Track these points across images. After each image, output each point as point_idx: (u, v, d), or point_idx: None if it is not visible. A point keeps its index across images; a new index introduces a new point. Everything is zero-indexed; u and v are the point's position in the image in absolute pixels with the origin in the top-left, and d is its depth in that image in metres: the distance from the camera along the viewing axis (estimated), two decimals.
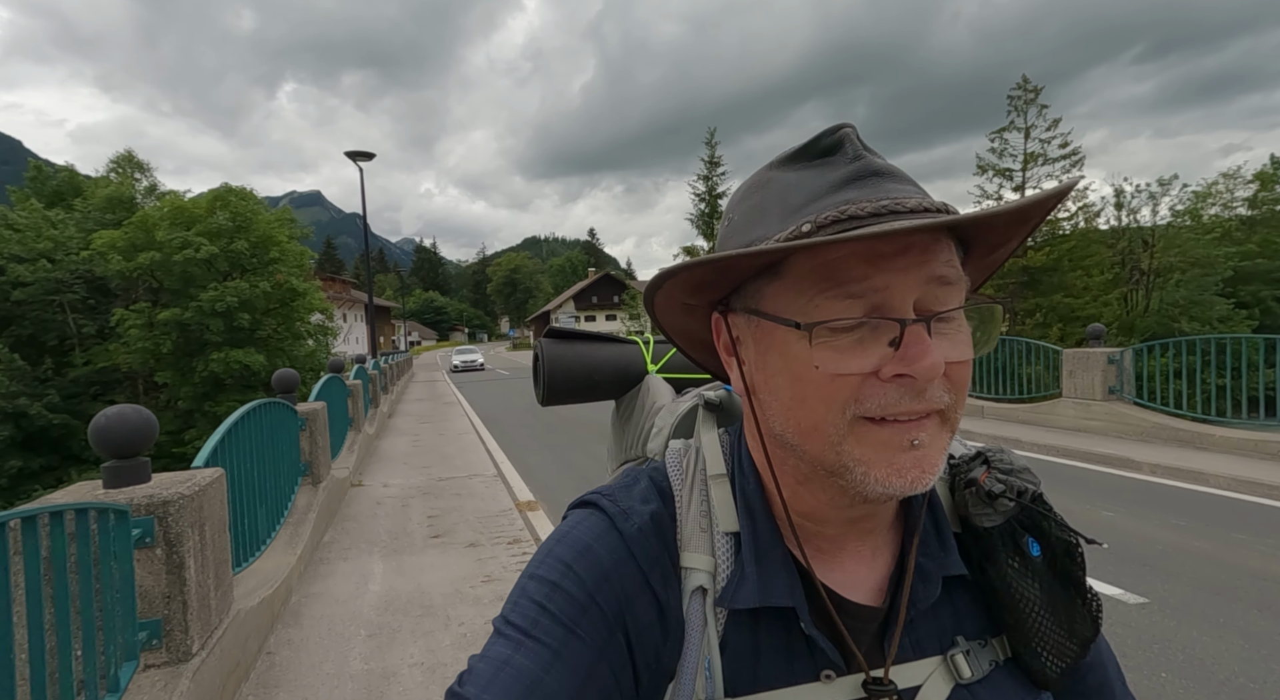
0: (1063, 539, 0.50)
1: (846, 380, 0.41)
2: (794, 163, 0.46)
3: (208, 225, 19.25)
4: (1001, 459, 0.53)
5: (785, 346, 0.44)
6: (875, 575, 0.51)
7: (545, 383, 0.79)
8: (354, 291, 52.73)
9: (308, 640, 3.12)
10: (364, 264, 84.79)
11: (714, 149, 31.22)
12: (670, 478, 0.53)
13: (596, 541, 0.48)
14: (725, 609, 0.47)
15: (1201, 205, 32.21)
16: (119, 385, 21.10)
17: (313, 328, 21.97)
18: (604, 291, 65.44)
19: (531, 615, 0.45)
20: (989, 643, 0.51)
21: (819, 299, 0.42)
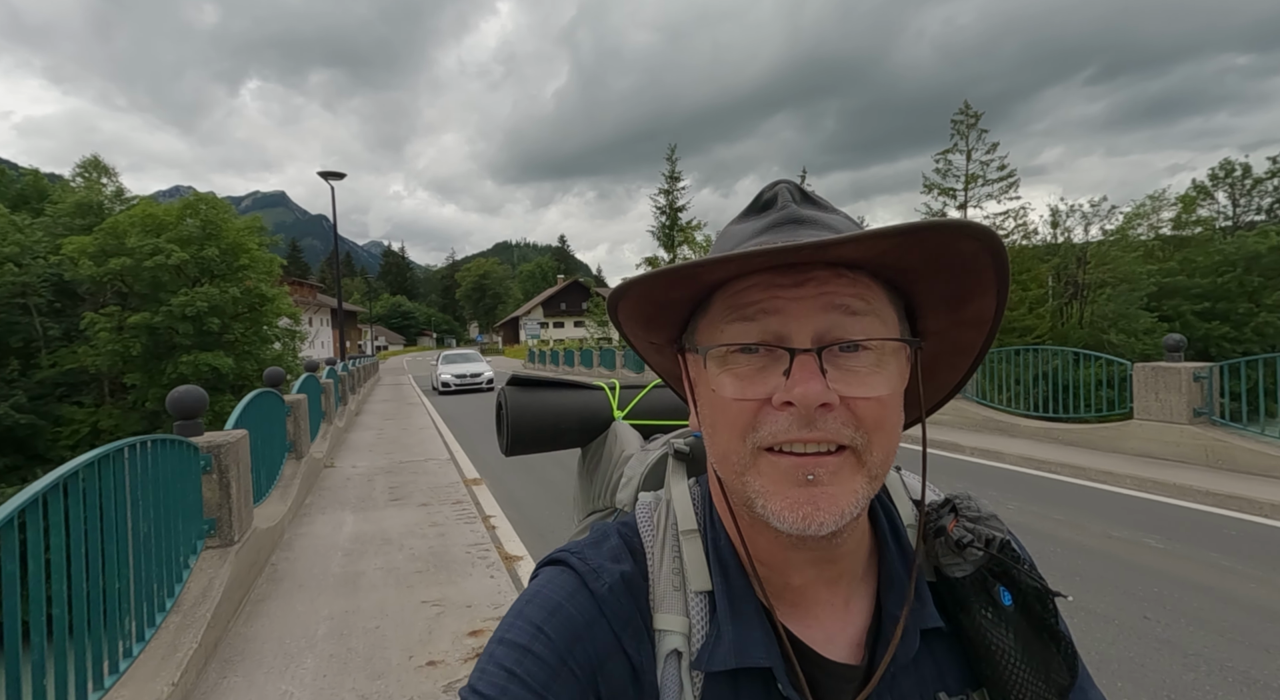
0: (1033, 586, 0.50)
1: (744, 406, 0.43)
2: (743, 216, 0.51)
3: (178, 232, 20.06)
4: (969, 506, 0.53)
5: (703, 375, 0.47)
6: (852, 630, 0.50)
7: (509, 432, 0.77)
8: (320, 296, 52.95)
9: (300, 558, 4.44)
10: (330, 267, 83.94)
11: (674, 165, 32.83)
12: (641, 534, 0.52)
13: (568, 601, 0.47)
14: (702, 672, 0.46)
15: (1130, 225, 35.09)
16: (86, 387, 21.65)
17: (280, 332, 22.80)
18: (573, 298, 66.62)
19: (500, 683, 0.44)
20: (970, 696, 0.50)
21: (723, 325, 0.45)
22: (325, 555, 4.53)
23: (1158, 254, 33.37)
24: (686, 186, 32.68)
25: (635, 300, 0.48)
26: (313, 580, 4.05)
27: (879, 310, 0.45)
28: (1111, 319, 29.69)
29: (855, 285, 0.44)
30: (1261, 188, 37.69)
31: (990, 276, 0.44)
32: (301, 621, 3.46)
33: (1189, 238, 34.94)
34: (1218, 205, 38.40)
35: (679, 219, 33.28)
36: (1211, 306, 31.86)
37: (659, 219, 32.74)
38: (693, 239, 33.28)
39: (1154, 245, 33.58)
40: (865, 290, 0.44)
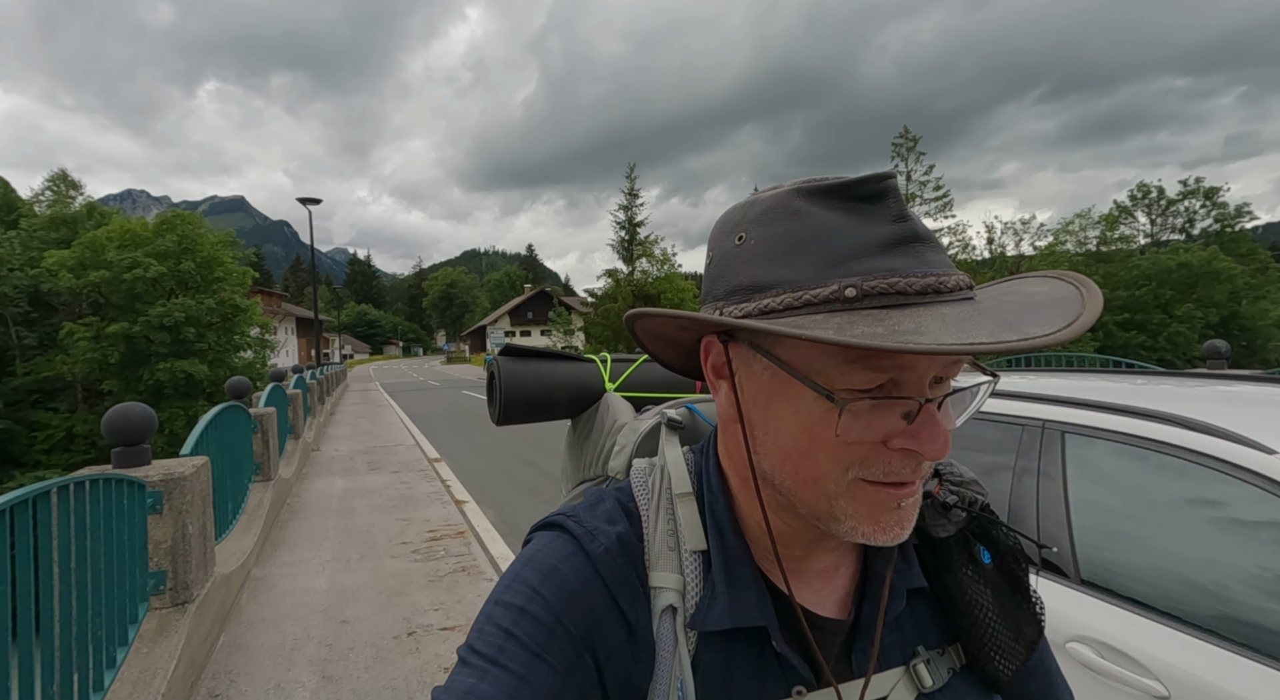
0: (1010, 545, 0.54)
1: (858, 446, 0.43)
2: (829, 198, 0.45)
3: (156, 247, 21.41)
4: (952, 471, 0.56)
5: (800, 401, 0.44)
6: (839, 588, 0.53)
7: (501, 401, 0.78)
8: (285, 305, 53.68)
9: (305, 505, 6.35)
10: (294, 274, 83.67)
11: (633, 183, 35.07)
12: (636, 497, 0.54)
13: (563, 563, 0.49)
14: (696, 631, 0.48)
15: (1059, 241, 38.51)
16: (60, 393, 22.72)
17: (252, 341, 24.18)
18: (539, 307, 68.28)
19: (497, 642, 0.45)
20: (946, 651, 0.53)
21: (847, 368, 0.42)
22: (325, 499, 6.46)
23: (1081, 269, 36.65)
24: (645, 203, 34.86)
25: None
26: (320, 510, 6.00)
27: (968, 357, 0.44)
28: None
29: None
30: (1174, 208, 41.46)
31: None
32: (319, 527, 5.41)
33: (1112, 253, 38.28)
34: (1138, 224, 42.06)
35: (638, 234, 35.49)
36: (1130, 317, 35.14)
37: (618, 234, 34.93)
38: (651, 253, 35.51)
39: (1078, 260, 36.84)
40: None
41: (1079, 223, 40.19)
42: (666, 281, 35.21)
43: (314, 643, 3.34)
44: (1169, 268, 35.32)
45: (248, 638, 3.41)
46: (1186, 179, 40.34)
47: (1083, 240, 39.28)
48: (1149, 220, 42.32)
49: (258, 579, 4.27)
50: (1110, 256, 38.34)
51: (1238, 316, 35.62)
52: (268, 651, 3.25)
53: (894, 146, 35.48)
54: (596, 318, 34.85)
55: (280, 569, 4.49)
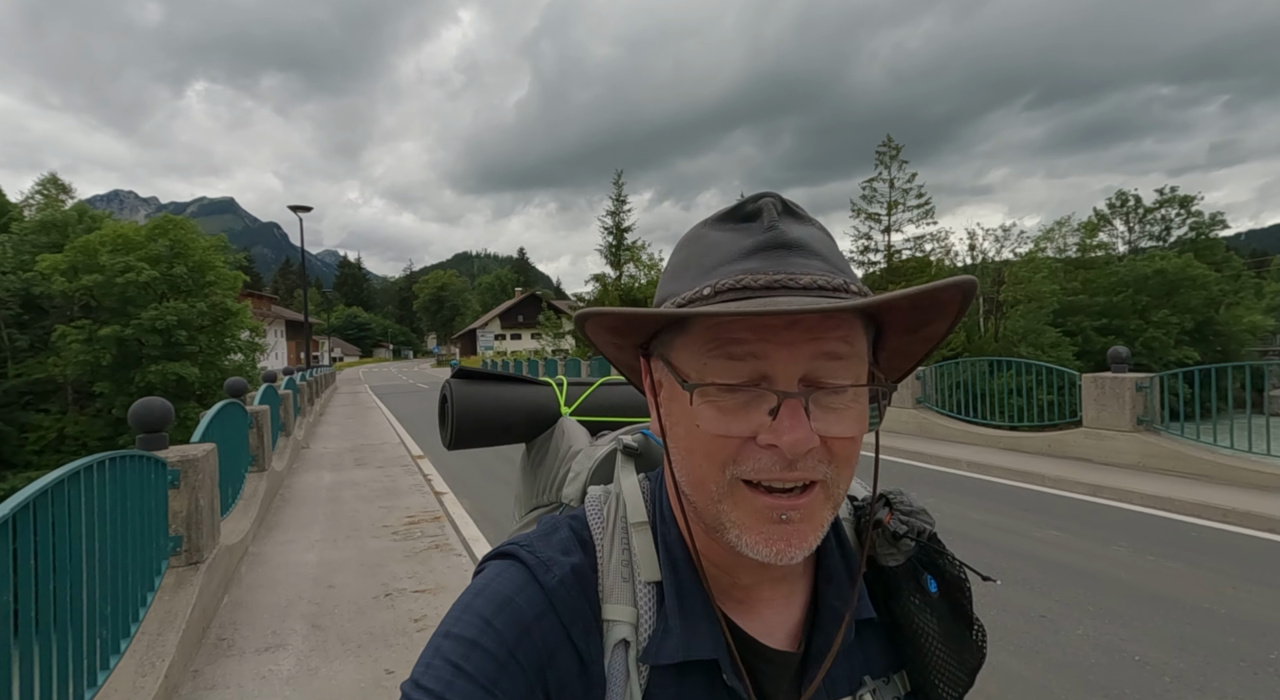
0: (955, 575, 0.55)
1: (727, 441, 0.44)
2: (721, 223, 0.50)
3: (148, 251, 21.85)
4: (902, 501, 0.56)
5: (683, 400, 0.46)
6: (790, 620, 0.53)
7: (454, 424, 0.77)
8: (274, 307, 53.94)
9: (296, 495, 6.94)
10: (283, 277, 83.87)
11: (620, 189, 35.75)
12: (590, 526, 0.54)
13: (517, 594, 0.48)
14: (648, 665, 0.48)
15: (1039, 248, 39.46)
16: (52, 395, 23.08)
17: (242, 344, 24.63)
18: (529, 311, 68.74)
19: (446, 678, 0.44)
20: (891, 679, 0.54)
21: (709, 359, 0.45)
22: (315, 490, 7.06)
23: (1061, 275, 37.47)
24: (632, 209, 35.57)
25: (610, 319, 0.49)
26: (310, 499, 6.60)
27: (859, 350, 0.46)
28: (1021, 333, 33.41)
29: (841, 327, 0.45)
30: (1152, 216, 42.50)
31: (954, 310, 0.47)
32: (309, 514, 6.01)
33: (1091, 260, 39.17)
34: (1117, 231, 43.07)
35: (625, 239, 36.18)
36: (1108, 323, 35.94)
37: (606, 239, 35.58)
38: (639, 258, 36.17)
39: (1057, 266, 37.73)
40: (849, 332, 0.45)
41: (1059, 230, 41.18)
42: (653, 287, 35.88)
43: (304, 602, 3.95)
44: (1145, 275, 36.17)
45: (248, 598, 4.01)
46: (1163, 188, 41.31)
47: (1062, 247, 40.25)
48: (1127, 228, 43.34)
49: (255, 554, 4.87)
50: (1090, 263, 39.21)
51: (1213, 322, 36.54)
52: (265, 608, 3.86)
53: (878, 155, 36.27)
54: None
55: (274, 547, 5.09)
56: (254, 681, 3.03)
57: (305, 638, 3.47)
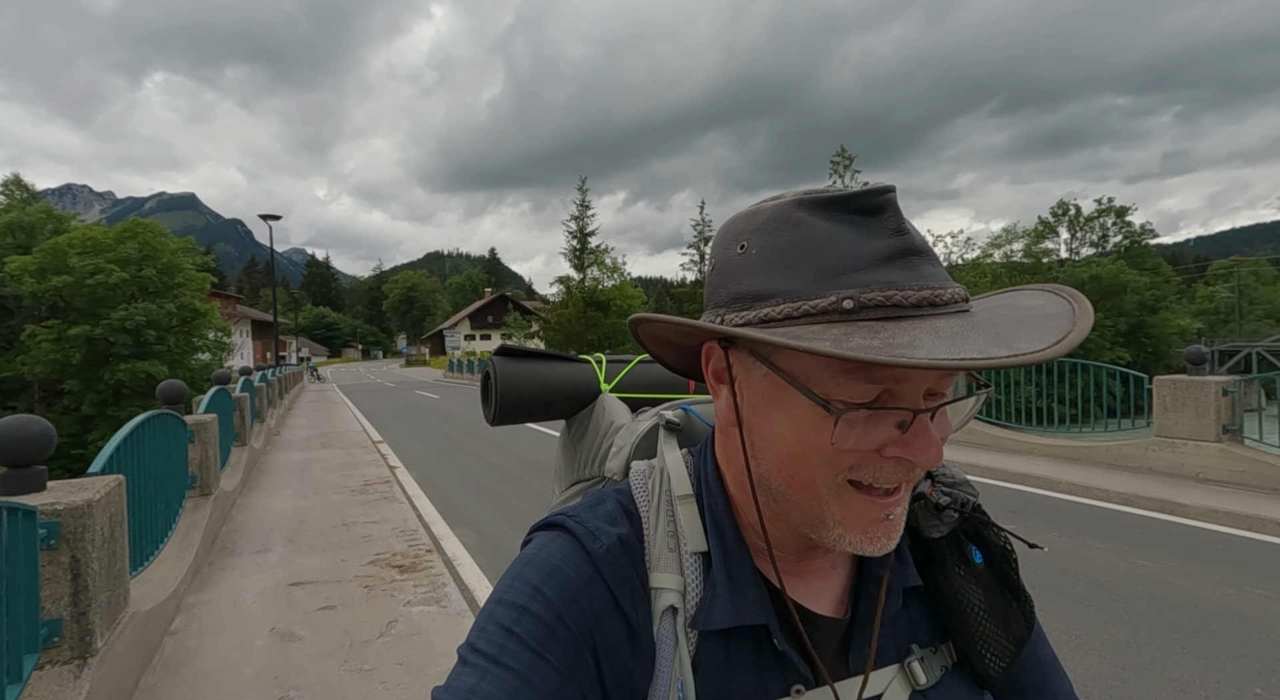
0: (1000, 545, 0.56)
1: (852, 454, 0.45)
2: (830, 210, 0.46)
3: (117, 253, 22.72)
4: (945, 473, 0.58)
5: (798, 409, 0.46)
6: (836, 587, 0.55)
7: (497, 401, 0.79)
8: (239, 307, 54.14)
9: (271, 468, 8.38)
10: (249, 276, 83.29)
11: (584, 194, 37.22)
12: (636, 499, 0.55)
13: (565, 562, 0.50)
14: (697, 630, 0.49)
15: (987, 253, 41.91)
16: (19, 393, 23.77)
17: (210, 343, 25.55)
18: (499, 311, 69.76)
19: (499, 641, 0.46)
20: (939, 649, 0.55)
21: (842, 378, 0.44)
22: (287, 465, 8.53)
23: (1004, 280, 39.90)
24: (596, 213, 37.09)
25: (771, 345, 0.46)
26: (283, 470, 8.05)
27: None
28: None
29: None
30: (1091, 224, 45.33)
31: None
32: (283, 480, 7.48)
33: (1035, 265, 41.68)
34: (1060, 238, 45.80)
35: (589, 243, 37.70)
36: None
37: (570, 243, 37.04)
38: (601, 261, 37.72)
39: (1002, 271, 40.16)
40: None
41: (1006, 236, 43.76)
42: (617, 290, 37.44)
43: (282, 529, 5.45)
44: (1083, 280, 38.66)
45: (240, 527, 5.52)
46: (1101, 198, 44.17)
47: (1009, 253, 42.84)
48: (1070, 235, 46.13)
49: (242, 504, 6.36)
50: (1033, 268, 41.68)
51: (1145, 326, 39.31)
52: (253, 532, 5.36)
53: (832, 164, 38.29)
54: (551, 320, 36.84)
55: (257, 498, 6.59)
56: (251, 565, 4.56)
57: (284, 546, 4.98)
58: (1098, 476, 6.43)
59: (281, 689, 2.93)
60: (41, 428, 2.55)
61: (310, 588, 4.16)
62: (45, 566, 2.40)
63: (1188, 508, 5.43)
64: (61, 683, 2.35)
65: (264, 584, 4.24)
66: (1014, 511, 5.66)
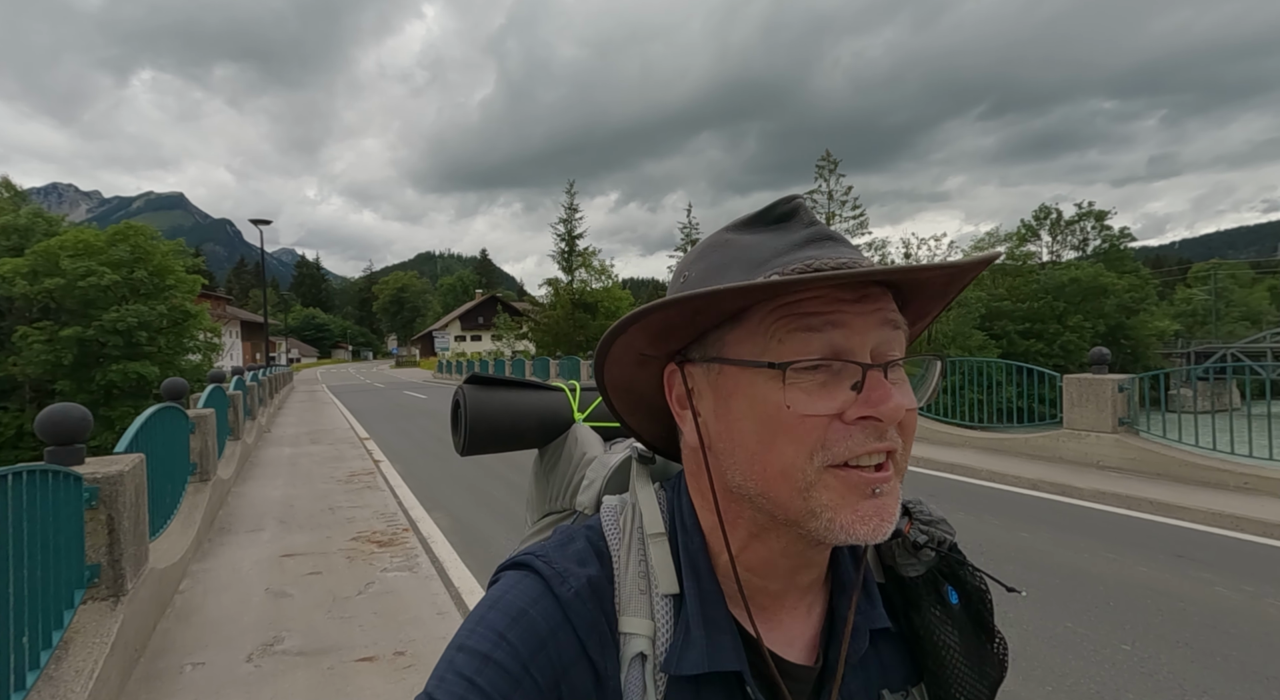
0: (976, 586, 0.55)
1: (815, 421, 0.44)
2: (752, 227, 0.51)
3: (109, 256, 23.16)
4: (921, 510, 0.56)
5: (752, 389, 0.46)
6: (809, 632, 0.53)
7: (466, 431, 0.77)
8: (229, 308, 54.39)
9: (263, 461, 8.98)
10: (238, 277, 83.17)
11: (573, 198, 37.84)
12: (607, 537, 0.54)
13: (532, 606, 0.48)
14: (666, 676, 0.48)
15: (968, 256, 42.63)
16: (10, 393, 24.13)
17: (201, 344, 25.99)
18: (490, 313, 70.15)
19: (459, 693, 0.45)
20: (910, 692, 0.54)
21: (782, 333, 0.45)
22: (278, 458, 9.13)
23: (986, 282, 40.73)
24: (584, 217, 37.73)
25: (678, 311, 0.48)
26: (274, 463, 8.65)
27: (904, 327, 0.48)
28: (950, 337, 36.43)
29: (891, 302, 0.47)
30: (1071, 228, 46.28)
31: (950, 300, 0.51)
32: (274, 471, 8.08)
33: (1016, 268, 42.53)
34: (1042, 241, 46.71)
35: (576, 246, 38.32)
36: (1030, 327, 39.15)
37: (558, 246, 37.64)
38: (589, 264, 38.34)
39: (983, 275, 40.98)
40: (893, 304, 0.48)
41: (989, 240, 44.59)
42: (605, 291, 38.08)
43: (274, 512, 6.07)
44: (1062, 283, 39.52)
45: (236, 510, 6.13)
46: (1081, 202, 45.19)
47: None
48: (1051, 238, 47.06)
49: (237, 492, 6.97)
50: (1015, 271, 42.52)
51: (1124, 327, 40.19)
52: (248, 514, 5.98)
53: (817, 168, 39.07)
54: (541, 321, 37.41)
55: (251, 487, 7.20)
56: (246, 541, 5.19)
57: (276, 526, 5.60)
58: (1015, 465, 7.18)
59: (275, 632, 3.56)
60: (81, 413, 3.17)
61: (299, 558, 4.78)
62: (87, 522, 3.02)
63: (1081, 490, 6.18)
64: (101, 615, 2.96)
65: (258, 556, 4.86)
66: (934, 495, 6.37)
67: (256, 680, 3.04)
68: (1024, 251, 44.47)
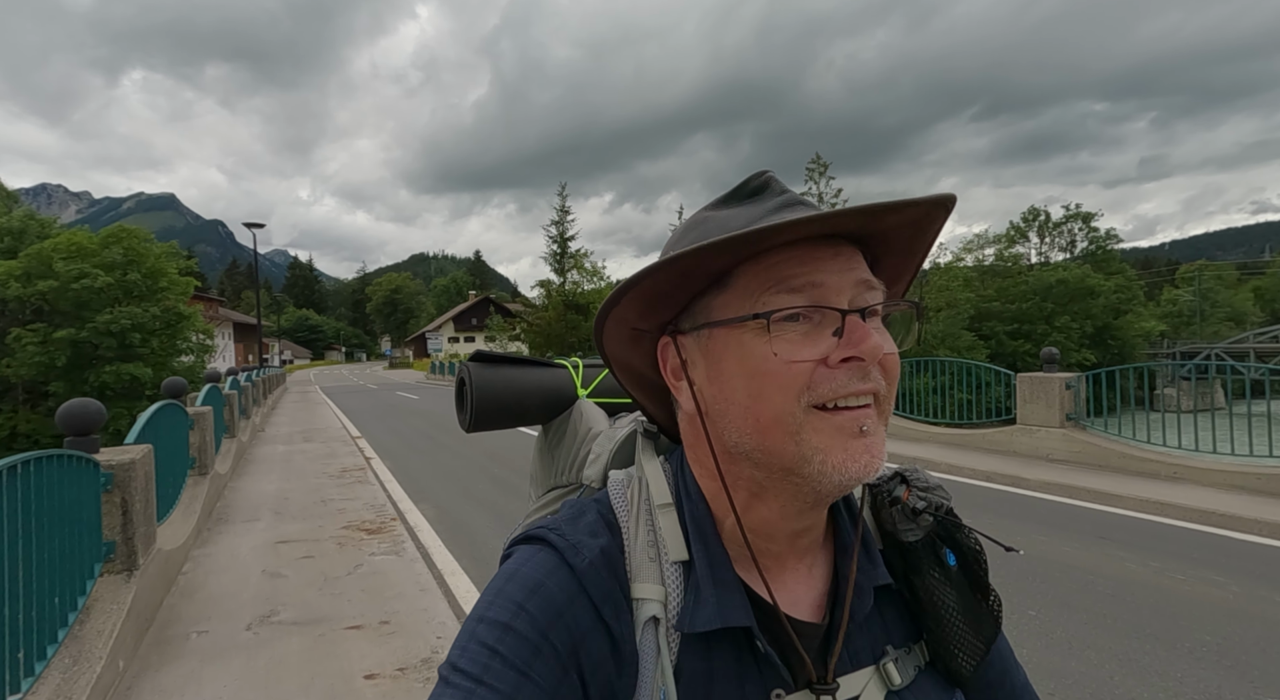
0: (972, 547, 0.57)
1: (801, 367, 0.47)
2: (727, 203, 0.54)
3: (102, 258, 23.39)
4: (919, 478, 0.59)
5: (740, 346, 0.49)
6: (814, 592, 0.56)
7: (473, 408, 0.79)
8: (221, 309, 54.50)
9: (257, 458, 9.32)
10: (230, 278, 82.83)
11: (564, 200, 38.19)
12: (615, 509, 0.56)
13: (548, 578, 0.50)
14: (678, 636, 0.50)
15: (959, 258, 43.25)
16: (3, 395, 24.31)
17: (194, 346, 26.24)
18: (483, 314, 70.43)
19: (482, 660, 0.46)
20: (912, 649, 0.57)
21: (765, 296, 0.48)
22: (272, 455, 9.48)
23: (975, 283, 41.18)
24: (576, 218, 38.03)
25: (667, 275, 0.50)
26: (268, 460, 9.00)
27: (879, 287, 0.51)
28: (940, 337, 36.85)
29: (864, 261, 0.51)
30: (1059, 230, 46.83)
31: (921, 258, 0.54)
32: (269, 467, 8.42)
33: (1005, 269, 42.96)
34: (1030, 243, 47.23)
35: (568, 248, 38.68)
36: (1019, 327, 39.54)
37: (550, 247, 37.99)
38: (581, 266, 38.72)
39: (973, 275, 41.44)
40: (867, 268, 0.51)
41: (978, 241, 45.16)
42: (597, 293, 38.42)
43: (269, 504, 6.43)
44: (1050, 284, 39.94)
45: (233, 502, 6.49)
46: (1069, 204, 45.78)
47: (981, 258, 44.18)
48: (1040, 240, 47.59)
49: (233, 486, 7.32)
50: (1004, 272, 42.97)
51: (1110, 328, 40.71)
52: (244, 506, 6.34)
53: (807, 171, 39.48)
54: (533, 322, 37.74)
55: (246, 481, 7.55)
56: (243, 530, 5.55)
57: (271, 516, 5.96)
58: (972, 458, 7.64)
59: (271, 606, 3.93)
60: (97, 407, 3.56)
61: (293, 544, 5.15)
62: (104, 504, 3.40)
63: (1029, 481, 6.63)
64: (116, 586, 3.35)
65: (255, 542, 5.22)
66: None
67: (256, 645, 3.42)
68: (1013, 253, 44.98)
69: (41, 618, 2.64)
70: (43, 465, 2.71)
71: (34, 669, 2.55)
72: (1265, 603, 3.75)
